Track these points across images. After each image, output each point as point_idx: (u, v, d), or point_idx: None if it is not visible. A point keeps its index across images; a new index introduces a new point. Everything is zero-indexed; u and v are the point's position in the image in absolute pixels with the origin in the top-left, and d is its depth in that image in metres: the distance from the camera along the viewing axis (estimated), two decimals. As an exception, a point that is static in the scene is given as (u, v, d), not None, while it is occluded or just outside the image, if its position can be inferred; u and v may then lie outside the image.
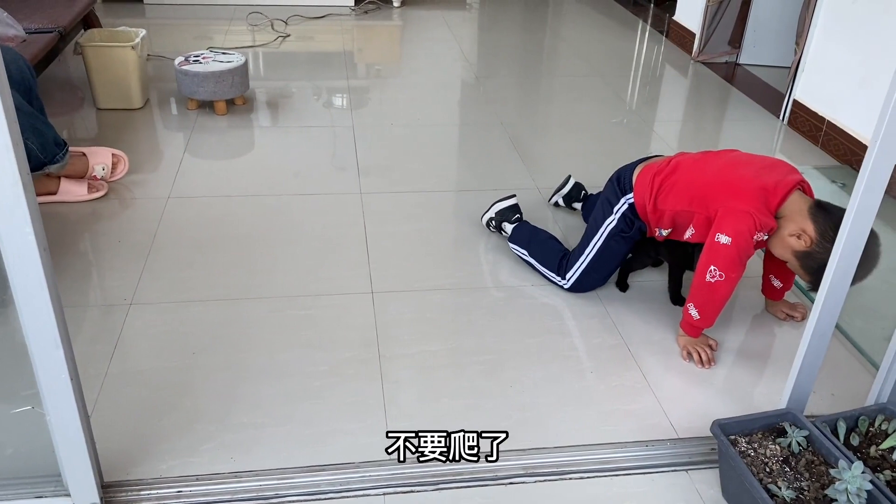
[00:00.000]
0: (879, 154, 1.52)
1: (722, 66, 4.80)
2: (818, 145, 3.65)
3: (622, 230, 2.31)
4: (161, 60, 4.33)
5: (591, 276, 2.38)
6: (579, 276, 2.37)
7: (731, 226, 2.02)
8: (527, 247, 2.53)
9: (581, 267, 2.37)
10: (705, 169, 2.19)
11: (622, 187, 2.32)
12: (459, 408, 1.97)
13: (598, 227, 2.34)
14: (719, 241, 2.03)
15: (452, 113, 4.03)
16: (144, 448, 1.80)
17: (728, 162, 2.21)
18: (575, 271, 2.38)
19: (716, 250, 2.04)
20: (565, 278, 2.40)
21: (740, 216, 2.02)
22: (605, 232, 2.33)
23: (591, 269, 2.36)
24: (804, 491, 1.59)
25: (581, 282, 2.38)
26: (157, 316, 2.28)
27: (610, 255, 2.35)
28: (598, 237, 2.33)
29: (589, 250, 2.35)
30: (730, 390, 2.08)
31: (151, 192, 2.98)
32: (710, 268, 2.04)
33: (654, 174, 2.24)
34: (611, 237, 2.32)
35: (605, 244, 2.33)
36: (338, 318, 2.29)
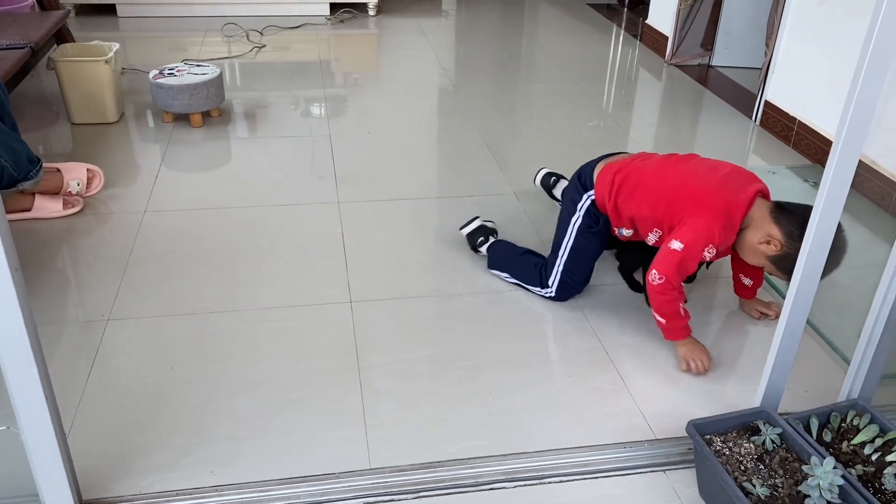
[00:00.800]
0: (843, 151, 1.55)
1: (695, 68, 4.86)
2: (790, 145, 3.70)
3: (589, 226, 2.33)
4: (136, 74, 4.32)
5: (571, 277, 2.37)
6: (560, 281, 2.37)
7: (688, 235, 2.07)
8: (507, 269, 2.51)
9: (559, 271, 2.38)
10: (667, 176, 2.21)
11: (583, 184, 2.35)
12: (439, 415, 1.98)
13: (565, 228, 2.37)
14: (671, 246, 2.08)
15: (430, 120, 4.05)
16: (124, 464, 1.80)
17: (690, 170, 2.22)
18: (554, 277, 2.38)
19: (664, 254, 2.09)
20: (548, 286, 2.40)
21: (702, 228, 2.06)
22: (574, 230, 2.34)
23: (569, 270, 2.37)
24: (778, 488, 1.62)
25: (563, 286, 2.38)
26: (135, 331, 2.27)
27: (584, 253, 2.36)
28: (568, 237, 2.35)
29: (562, 252, 2.36)
30: (705, 390, 2.10)
31: (128, 206, 2.97)
32: (652, 272, 2.09)
33: (615, 173, 2.26)
34: (580, 234, 2.33)
35: (576, 242, 2.34)
36: (316, 328, 2.30)
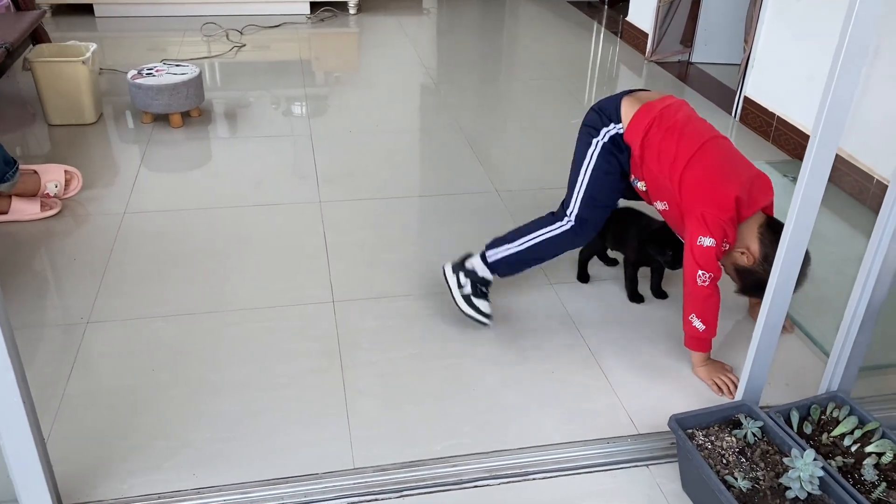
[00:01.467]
0: (821, 145, 1.56)
1: (675, 65, 4.88)
2: (769, 140, 3.73)
3: (611, 151, 2.18)
4: (114, 74, 4.28)
5: (591, 204, 2.20)
6: (580, 209, 2.19)
7: (714, 231, 1.98)
8: (507, 240, 2.27)
9: (579, 198, 2.19)
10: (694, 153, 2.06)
11: (607, 116, 2.18)
12: (422, 414, 1.97)
13: (584, 153, 2.20)
14: (703, 244, 1.99)
15: (411, 119, 4.05)
16: (105, 468, 1.78)
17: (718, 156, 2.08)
18: (574, 205, 2.20)
19: (700, 252, 2.00)
20: (567, 216, 2.21)
21: (719, 224, 1.99)
22: (595, 152, 2.17)
23: (590, 196, 2.19)
24: (759, 481, 1.63)
25: (583, 215, 2.19)
26: (114, 334, 2.25)
27: (605, 177, 2.19)
28: (588, 160, 2.18)
29: (582, 177, 2.18)
30: (687, 385, 2.12)
31: (106, 208, 2.94)
32: (698, 273, 2.01)
33: (653, 121, 2.10)
34: (601, 157, 2.17)
35: (597, 164, 2.17)
36: (299, 328, 2.29)
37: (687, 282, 2.05)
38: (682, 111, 2.17)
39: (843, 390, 1.89)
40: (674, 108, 2.15)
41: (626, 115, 2.15)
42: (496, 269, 2.28)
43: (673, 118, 2.12)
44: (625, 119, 2.15)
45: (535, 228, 2.26)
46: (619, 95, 2.22)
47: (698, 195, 2.04)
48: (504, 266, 2.28)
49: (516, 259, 2.27)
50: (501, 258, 2.27)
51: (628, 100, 2.18)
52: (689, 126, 2.13)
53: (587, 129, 2.23)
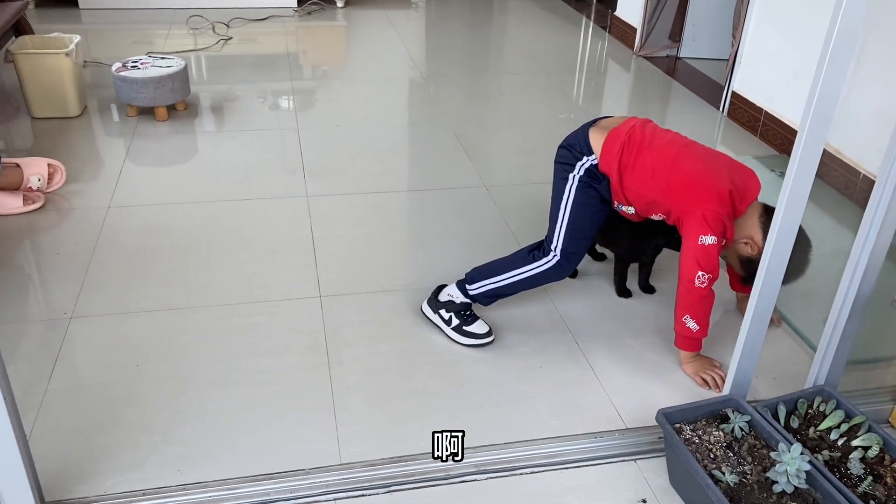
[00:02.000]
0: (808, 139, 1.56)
1: (663, 59, 4.89)
2: (756, 135, 3.74)
3: (589, 183, 2.16)
4: (98, 67, 4.23)
5: (575, 236, 2.18)
6: (565, 243, 2.17)
7: (714, 227, 1.98)
8: (489, 273, 2.24)
9: (562, 232, 2.18)
10: (677, 164, 2.08)
11: (578, 150, 2.17)
12: (410, 409, 1.96)
13: (562, 189, 2.19)
14: (704, 242, 1.99)
15: (399, 113, 4.03)
16: (88, 465, 1.76)
17: (698, 158, 2.11)
18: (557, 240, 2.18)
19: (701, 252, 1.99)
20: (552, 251, 2.18)
21: (716, 218, 1.99)
22: (573, 187, 2.17)
23: (573, 229, 2.17)
24: (747, 475, 1.63)
25: (567, 249, 2.18)
26: (99, 329, 2.22)
27: (585, 209, 2.17)
28: (567, 195, 2.17)
29: (562, 214, 2.18)
30: (675, 379, 2.12)
31: (91, 201, 2.91)
32: (697, 273, 2.00)
33: (622, 146, 2.10)
34: (580, 190, 2.16)
35: (576, 199, 2.16)
36: (285, 323, 2.27)
37: (684, 283, 2.04)
38: (648, 128, 2.18)
39: (830, 384, 1.89)
40: (638, 127, 2.16)
41: (596, 146, 2.15)
42: (477, 300, 2.24)
43: (640, 137, 2.13)
44: (595, 150, 2.15)
45: (521, 265, 2.22)
46: (583, 129, 2.22)
47: (692, 197, 2.03)
48: (486, 298, 2.24)
49: (500, 292, 2.24)
50: (484, 291, 2.23)
51: (594, 131, 2.18)
52: (658, 139, 2.15)
53: (561, 166, 2.23)
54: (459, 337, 2.20)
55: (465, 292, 2.23)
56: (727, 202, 2.02)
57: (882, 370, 2.23)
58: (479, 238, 2.77)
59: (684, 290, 2.05)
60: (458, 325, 2.21)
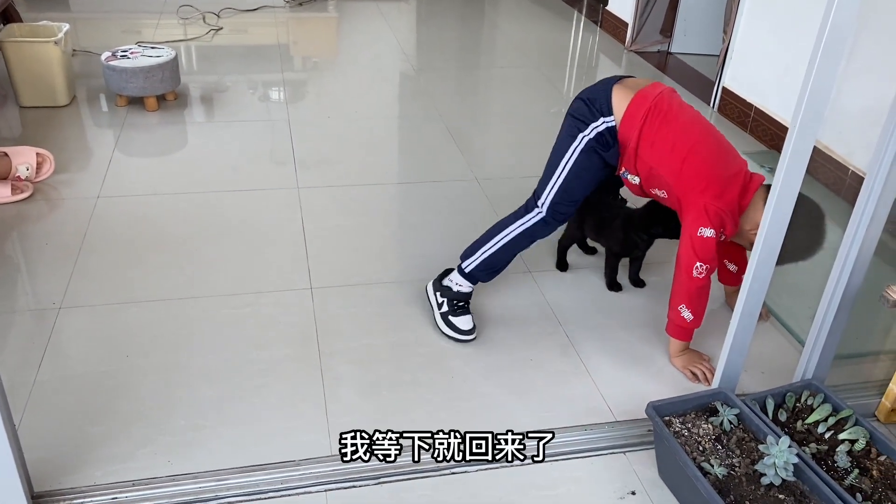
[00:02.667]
0: (799, 137, 1.57)
1: (654, 54, 4.90)
2: (747, 131, 3.76)
3: (596, 148, 2.09)
4: (87, 56, 4.20)
5: (565, 198, 2.13)
6: (553, 200, 2.12)
7: (713, 220, 1.98)
8: (480, 245, 2.21)
9: (553, 190, 2.12)
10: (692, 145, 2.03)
11: (598, 109, 2.07)
12: (401, 401, 1.97)
13: (567, 145, 2.10)
14: (703, 234, 1.98)
15: (391, 105, 4.02)
16: (78, 455, 1.75)
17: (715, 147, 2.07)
18: (547, 196, 2.12)
19: (699, 244, 1.99)
20: (537, 206, 2.13)
21: (716, 213, 1.99)
22: (579, 147, 2.08)
23: (565, 191, 2.11)
24: (735, 467, 1.64)
25: (555, 208, 2.13)
26: (88, 319, 2.21)
27: (585, 172, 2.10)
28: (571, 153, 2.09)
29: (560, 171, 2.10)
30: (665, 373, 2.13)
31: (80, 191, 2.89)
32: (695, 264, 2.00)
33: (647, 113, 2.02)
34: (585, 152, 2.08)
35: (579, 159, 2.09)
36: (276, 315, 2.27)
37: (681, 272, 2.03)
38: (675, 100, 2.10)
39: (818, 378, 1.91)
40: (666, 96, 2.07)
41: (619, 108, 2.04)
42: (476, 276, 2.22)
43: (667, 108, 2.05)
44: (617, 112, 2.05)
45: (506, 225, 2.19)
46: (608, 84, 2.10)
47: (700, 186, 2.00)
48: (483, 271, 2.21)
49: (493, 260, 2.20)
50: (479, 263, 2.20)
51: (619, 89, 2.07)
52: (683, 116, 2.07)
53: (574, 120, 2.12)
54: (442, 325, 2.21)
55: (462, 272, 2.22)
56: (732, 199, 2.01)
57: (869, 365, 2.25)
58: (470, 231, 2.74)
59: (682, 280, 2.04)
60: (446, 312, 2.21)
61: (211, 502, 1.66)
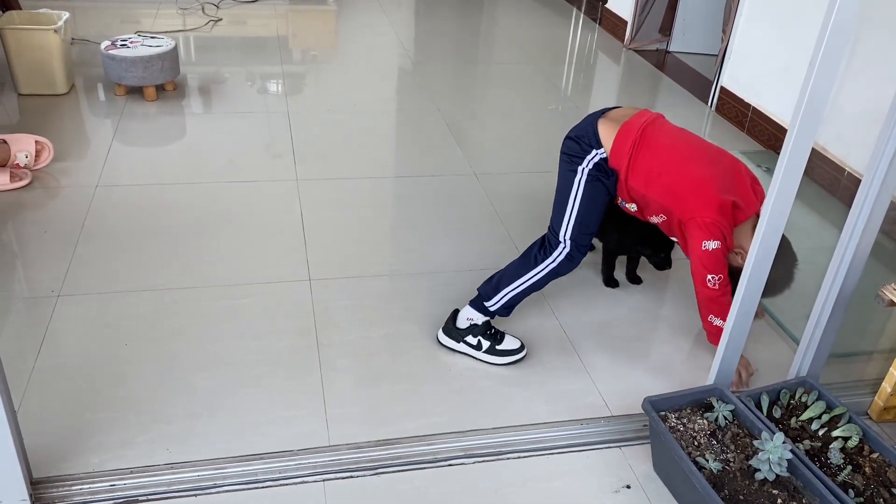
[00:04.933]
0: (798, 138, 1.58)
1: (653, 53, 4.91)
2: (744, 131, 3.78)
3: (598, 177, 2.11)
4: (86, 45, 4.19)
5: (583, 230, 2.13)
6: (573, 234, 2.11)
7: (714, 233, 2.00)
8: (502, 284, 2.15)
9: (570, 224, 2.12)
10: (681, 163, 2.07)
11: (587, 143, 2.11)
12: (399, 393, 1.98)
13: (570, 183, 2.13)
14: (708, 248, 2.00)
15: (389, 99, 4.02)
16: (76, 442, 1.76)
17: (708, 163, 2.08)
18: (566, 232, 2.12)
19: (707, 256, 2.01)
20: (560, 241, 2.12)
21: (717, 227, 2.00)
22: (582, 181, 2.11)
23: (581, 222, 2.12)
24: (730, 462, 1.66)
25: (577, 241, 2.12)
26: (86, 307, 2.21)
27: (595, 201, 2.13)
28: (576, 189, 2.12)
29: (571, 206, 2.12)
30: (660, 368, 2.15)
31: (78, 180, 2.89)
32: (707, 277, 2.03)
33: (634, 143, 2.05)
34: (589, 183, 2.11)
35: (585, 192, 2.11)
36: (274, 306, 2.27)
37: (698, 289, 2.06)
38: (660, 125, 2.14)
39: (812, 376, 1.93)
40: (651, 124, 2.11)
41: (607, 140, 2.09)
42: (497, 313, 2.16)
43: (655, 136, 2.09)
44: (605, 143, 2.09)
45: (532, 266, 2.15)
46: (592, 120, 2.16)
47: (695, 202, 2.02)
48: (506, 309, 2.16)
49: (517, 299, 2.16)
50: (504, 303, 2.15)
51: (604, 123, 2.12)
52: (671, 142, 2.11)
53: (568, 157, 2.15)
54: (494, 358, 2.11)
55: (483, 310, 2.15)
56: (728, 213, 2.03)
57: (862, 363, 2.27)
58: (468, 225, 2.78)
59: (700, 295, 2.08)
60: (490, 346, 2.12)
61: (209, 491, 1.67)
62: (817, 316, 1.89)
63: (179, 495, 1.65)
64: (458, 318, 2.16)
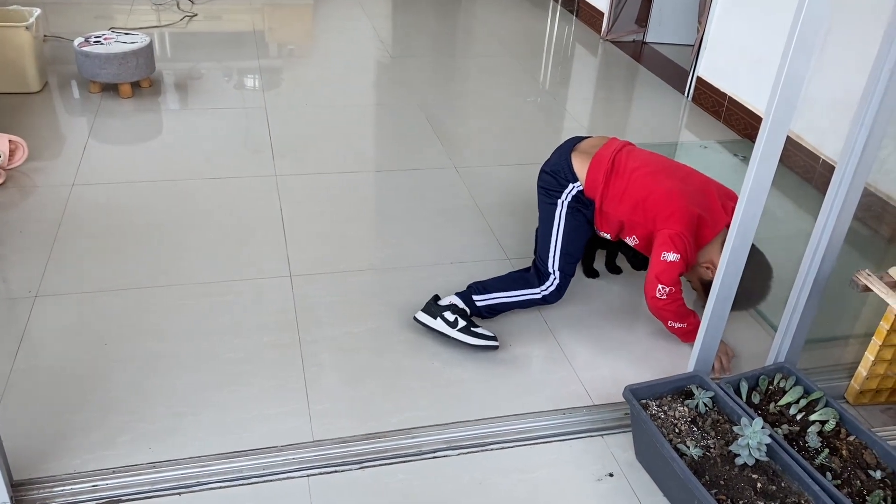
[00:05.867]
0: (773, 125, 1.60)
1: (630, 44, 4.93)
2: (720, 120, 3.81)
3: (577, 208, 2.24)
4: (59, 42, 4.13)
5: (569, 260, 2.24)
6: (560, 264, 2.23)
7: (678, 245, 2.06)
8: (494, 289, 2.22)
9: (557, 255, 2.23)
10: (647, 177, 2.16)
11: (563, 177, 2.24)
12: (382, 387, 1.98)
13: (551, 216, 2.25)
14: (666, 259, 2.07)
15: (368, 93, 4.01)
16: (57, 444, 1.75)
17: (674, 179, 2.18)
18: (553, 263, 2.23)
19: (663, 267, 2.07)
20: (551, 273, 2.23)
21: (680, 238, 2.06)
22: (563, 212, 2.24)
23: (566, 253, 2.24)
24: (710, 448, 1.68)
25: (564, 270, 2.23)
26: (64, 308, 2.19)
27: (576, 231, 2.25)
28: (558, 221, 2.24)
29: (555, 238, 2.24)
30: (641, 357, 2.17)
31: (54, 179, 2.86)
32: (657, 287, 2.08)
33: (606, 174, 2.18)
34: (570, 214, 2.23)
35: (567, 223, 2.23)
36: (255, 303, 2.27)
37: (647, 300, 2.13)
38: (631, 152, 2.25)
39: (790, 362, 1.96)
40: (620, 151, 2.23)
41: (581, 172, 2.22)
42: (482, 312, 2.21)
43: (625, 161, 2.20)
44: (580, 176, 2.22)
45: (525, 286, 2.24)
46: (565, 153, 2.28)
47: (663, 215, 2.11)
48: (489, 311, 2.22)
49: (502, 308, 2.23)
50: (490, 305, 2.21)
51: (577, 156, 2.25)
52: (642, 166, 2.20)
53: (546, 192, 2.28)
54: (467, 338, 2.12)
55: (469, 301, 2.18)
56: (694, 225, 2.09)
57: (839, 348, 2.30)
58: (449, 218, 2.78)
59: (650, 306, 2.15)
60: (466, 326, 2.13)
61: (193, 489, 1.66)
62: (794, 302, 1.92)
63: (162, 494, 1.65)
64: (440, 300, 2.20)
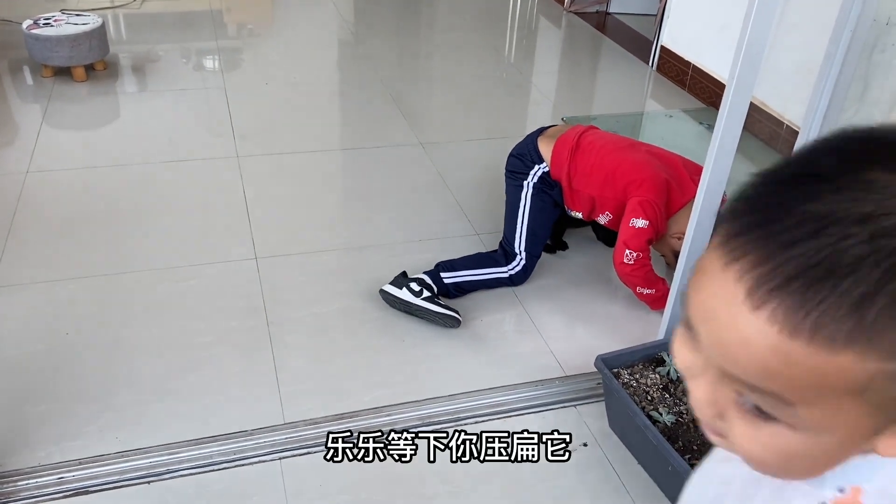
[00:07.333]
0: (736, 93, 1.60)
1: (593, 15, 4.91)
2: (685, 89, 3.81)
3: (542, 189, 2.26)
4: (7, 25, 4.00)
5: (535, 241, 2.26)
6: (527, 246, 2.25)
7: (648, 212, 2.08)
8: (461, 267, 2.22)
9: (523, 237, 2.25)
10: (613, 152, 2.20)
11: (530, 159, 2.27)
12: (353, 366, 1.96)
13: (517, 197, 2.27)
14: (635, 225, 2.09)
15: (330, 71, 3.94)
16: (20, 437, 1.70)
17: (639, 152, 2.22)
18: (520, 244, 2.25)
19: (632, 233, 2.09)
20: (518, 254, 2.25)
21: (650, 205, 2.09)
22: (528, 194, 2.25)
23: (532, 234, 2.25)
24: (683, 414, 1.69)
25: (530, 252, 2.25)
26: (24, 298, 2.14)
27: (541, 213, 2.27)
28: (524, 203, 2.26)
29: (520, 220, 2.26)
30: (612, 326, 2.17)
31: (7, 167, 2.77)
32: (625, 252, 2.10)
33: (571, 151, 2.20)
34: (535, 196, 2.25)
35: (532, 204, 2.25)
36: (220, 286, 2.22)
37: (615, 266, 2.15)
38: (595, 132, 2.30)
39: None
40: (584, 133, 2.27)
41: (546, 154, 2.25)
42: (449, 289, 2.19)
43: (589, 142, 2.24)
44: (546, 157, 2.25)
45: (492, 265, 2.26)
46: (531, 138, 2.32)
47: (633, 184, 2.13)
48: (456, 290, 2.20)
49: (469, 287, 2.22)
50: (456, 283, 2.20)
51: (543, 140, 2.29)
52: (606, 141, 2.26)
53: (513, 174, 2.31)
54: (431, 306, 2.10)
55: (437, 279, 2.17)
56: (663, 191, 2.12)
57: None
58: (415, 195, 2.76)
59: (618, 272, 2.17)
60: (431, 297, 2.12)
61: (163, 476, 1.63)
62: (761, 267, 1.92)
63: (132, 483, 1.62)
64: (406, 276, 2.19)
